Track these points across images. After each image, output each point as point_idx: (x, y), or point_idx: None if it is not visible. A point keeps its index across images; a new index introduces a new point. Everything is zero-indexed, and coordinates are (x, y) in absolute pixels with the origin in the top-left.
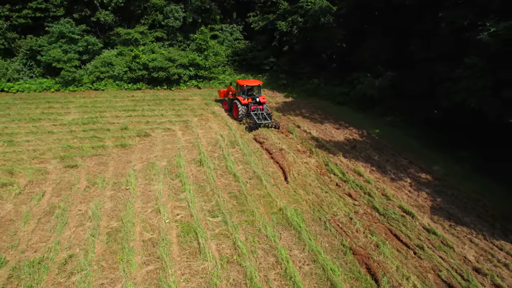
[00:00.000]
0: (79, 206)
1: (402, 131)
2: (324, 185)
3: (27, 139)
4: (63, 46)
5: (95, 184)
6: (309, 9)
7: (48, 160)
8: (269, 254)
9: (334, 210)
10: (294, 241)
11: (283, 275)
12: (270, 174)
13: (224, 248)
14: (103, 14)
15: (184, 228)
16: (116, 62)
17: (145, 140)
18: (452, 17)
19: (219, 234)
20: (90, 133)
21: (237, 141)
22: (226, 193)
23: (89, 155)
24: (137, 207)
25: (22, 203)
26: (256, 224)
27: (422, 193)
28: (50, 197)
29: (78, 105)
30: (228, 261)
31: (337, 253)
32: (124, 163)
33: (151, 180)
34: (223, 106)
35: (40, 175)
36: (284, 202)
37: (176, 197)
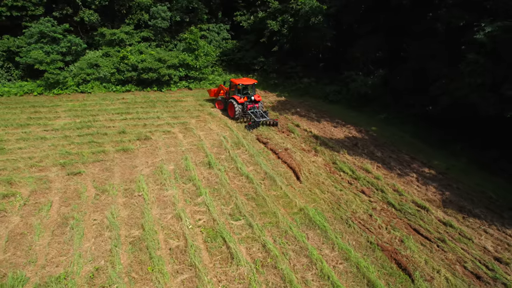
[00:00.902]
0: (93, 215)
1: (398, 127)
2: (337, 183)
3: (19, 146)
4: (44, 47)
5: (105, 191)
6: (300, 8)
7: (48, 167)
8: (300, 255)
9: (353, 208)
10: (321, 240)
11: (320, 275)
12: (281, 174)
13: (255, 251)
14: (87, 13)
15: (210, 233)
16: (102, 64)
17: (146, 144)
18: (450, 17)
19: (246, 238)
20: (87, 138)
21: (241, 142)
22: (242, 195)
23: (90, 161)
24: (155, 213)
25: (30, 215)
26: (280, 225)
27: (430, 188)
28: (59, 207)
29: (66, 109)
30: (262, 265)
31: (366, 250)
32: (129, 168)
33: (163, 185)
34: (216, 106)
35: (43, 184)
36: (302, 202)
37: (193, 201)
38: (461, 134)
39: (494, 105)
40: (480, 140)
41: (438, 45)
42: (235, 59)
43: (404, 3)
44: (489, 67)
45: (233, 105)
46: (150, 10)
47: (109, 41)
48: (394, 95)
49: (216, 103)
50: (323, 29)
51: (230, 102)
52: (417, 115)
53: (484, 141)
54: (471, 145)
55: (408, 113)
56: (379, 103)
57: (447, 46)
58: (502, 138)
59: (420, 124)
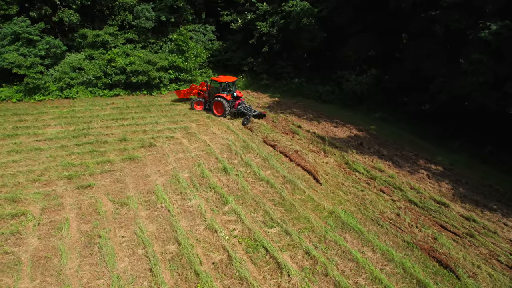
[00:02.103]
0: (119, 231)
1: (394, 125)
2: (356, 184)
3: (14, 159)
4: (20, 50)
5: (124, 205)
6: (292, 10)
7: (53, 181)
8: (345, 260)
9: (380, 208)
10: (360, 243)
11: (371, 279)
12: (300, 177)
13: (300, 259)
14: (66, 13)
15: (249, 243)
16: (87, 67)
17: (151, 151)
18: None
19: (287, 245)
20: (87, 147)
21: (249, 145)
22: (269, 201)
23: (98, 172)
24: (185, 226)
25: (49, 235)
26: (316, 230)
27: (442, 184)
28: (79, 225)
29: (54, 116)
30: (312, 273)
31: (404, 250)
32: (142, 178)
33: (184, 195)
34: (195, 107)
35: (53, 200)
36: (329, 205)
37: (221, 210)
38: (458, 130)
39: (497, 102)
40: (479, 135)
41: (436, 45)
42: (222, 60)
43: (403, 6)
44: (491, 65)
45: (221, 103)
46: (134, 9)
47: (92, 43)
48: (387, 94)
49: (195, 104)
50: (314, 31)
51: (217, 101)
52: (410, 113)
53: (483, 136)
54: (470, 140)
55: (402, 111)
56: (372, 102)
57: (444, 47)
58: (500, 133)
59: (414, 122)
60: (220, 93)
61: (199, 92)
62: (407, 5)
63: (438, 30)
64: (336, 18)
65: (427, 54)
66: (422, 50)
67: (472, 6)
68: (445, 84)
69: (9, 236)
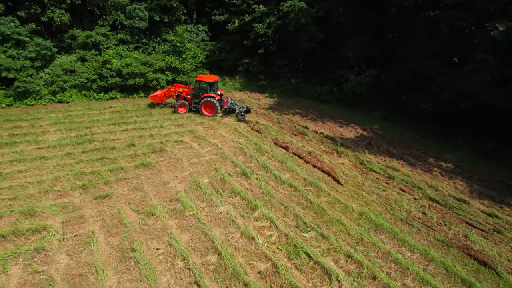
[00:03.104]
0: (151, 243)
1: (396, 124)
2: (376, 184)
3: (19, 169)
4: (8, 51)
5: (150, 214)
6: (289, 10)
7: (67, 192)
8: (388, 261)
9: (405, 207)
10: (397, 243)
11: (419, 280)
12: (320, 179)
13: (344, 263)
14: (57, 13)
15: (290, 250)
16: (81, 70)
17: (163, 156)
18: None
19: (327, 250)
20: (94, 154)
21: (262, 148)
22: (296, 205)
23: (113, 180)
24: (220, 234)
25: (77, 251)
26: (351, 232)
27: (457, 181)
28: (107, 239)
29: (51, 122)
30: (359, 276)
31: (440, 248)
32: (161, 185)
33: (209, 201)
34: (179, 110)
35: (72, 212)
36: (356, 206)
37: (251, 216)
38: (460, 127)
39: (503, 100)
40: (481, 132)
41: (438, 45)
42: (217, 61)
43: (407, 5)
44: (498, 65)
45: (211, 103)
46: (126, 9)
47: (84, 44)
48: (386, 93)
49: (178, 107)
50: (312, 31)
51: (208, 101)
52: (410, 112)
53: (486, 133)
54: (472, 138)
55: (401, 110)
56: (371, 101)
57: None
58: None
59: (415, 120)
60: (209, 93)
61: (178, 94)
62: (410, 4)
63: (443, 29)
64: (333, 18)
65: (429, 53)
66: (423, 49)
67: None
68: (447, 83)
69: (35, 254)
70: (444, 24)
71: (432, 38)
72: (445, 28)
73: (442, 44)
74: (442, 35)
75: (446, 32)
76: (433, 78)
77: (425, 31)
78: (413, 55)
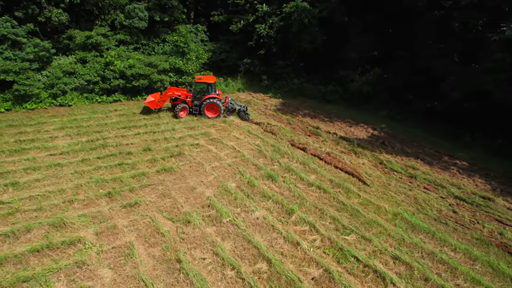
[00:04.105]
0: (195, 253)
1: (403, 123)
2: (401, 183)
3: (35, 178)
4: (4, 53)
5: (186, 222)
6: (293, 11)
7: (93, 201)
8: (434, 262)
9: (435, 206)
10: (437, 243)
11: (470, 280)
12: (346, 180)
13: (393, 266)
14: (55, 13)
15: (337, 254)
16: (83, 71)
17: (183, 161)
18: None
19: (373, 252)
20: (111, 159)
21: (280, 149)
22: (330, 207)
23: (137, 187)
24: (263, 240)
25: (120, 264)
26: (392, 234)
27: (475, 178)
28: (147, 250)
29: (57, 127)
30: (411, 278)
31: (480, 247)
32: (188, 191)
33: (243, 207)
34: (179, 115)
35: (102, 222)
36: (388, 206)
37: (289, 220)
38: (467, 125)
39: None
40: (490, 129)
41: (449, 44)
42: (217, 61)
43: (420, 5)
44: None
45: (214, 105)
46: (125, 8)
47: (83, 45)
48: (392, 93)
49: (179, 111)
50: (315, 32)
51: (211, 103)
52: (417, 111)
53: (494, 130)
54: (481, 135)
55: (407, 109)
56: (377, 100)
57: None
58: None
59: (422, 119)
60: (210, 94)
61: (176, 97)
62: (422, 4)
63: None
64: (337, 18)
65: (439, 53)
66: (433, 48)
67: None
68: (458, 82)
69: (76, 269)
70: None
71: (443, 38)
72: (458, 27)
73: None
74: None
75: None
76: (443, 77)
77: (435, 30)
78: (422, 54)
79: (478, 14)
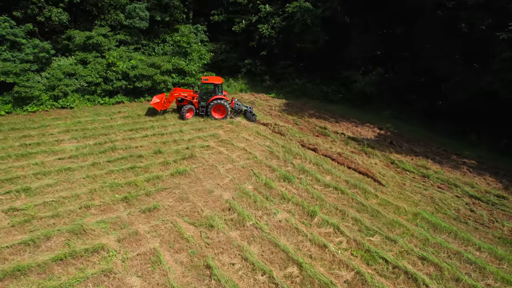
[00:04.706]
0: (222, 258)
1: (407, 123)
2: (415, 183)
3: (47, 183)
4: (3, 54)
5: (209, 227)
6: (295, 12)
7: (110, 206)
8: (462, 261)
9: (453, 206)
10: (460, 242)
11: (500, 280)
12: (361, 180)
13: (423, 266)
14: (54, 12)
15: (365, 256)
16: (84, 72)
17: (196, 163)
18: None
19: (400, 253)
20: (123, 163)
21: (291, 150)
22: (350, 208)
23: (153, 191)
24: (289, 244)
25: (147, 271)
26: (415, 234)
27: (486, 177)
28: (173, 256)
29: (62, 130)
30: (442, 279)
31: (504, 246)
32: (206, 194)
33: (264, 209)
34: (186, 116)
35: (123, 228)
36: (407, 206)
37: (312, 222)
38: (472, 125)
39: None
40: (496, 129)
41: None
42: (217, 61)
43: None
44: None
45: (221, 106)
46: (126, 8)
47: (83, 46)
48: (394, 93)
49: (186, 112)
50: (317, 32)
51: (218, 104)
52: (420, 111)
53: (499, 130)
54: (486, 134)
55: (410, 109)
56: (379, 101)
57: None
58: None
59: (426, 119)
60: (217, 95)
61: (182, 98)
62: (430, 5)
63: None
64: (339, 19)
65: (444, 53)
66: (438, 49)
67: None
68: (463, 82)
69: (103, 277)
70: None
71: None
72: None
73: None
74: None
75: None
76: (447, 77)
77: (439, 30)
78: (424, 54)
79: (484, 14)
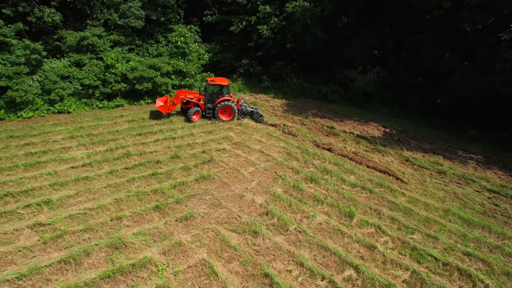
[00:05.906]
0: (276, 265)
1: (409, 120)
2: (435, 179)
3: (68, 194)
4: None
5: (253, 233)
6: (295, 12)
7: (142, 216)
8: (505, 255)
9: (477, 200)
10: (496, 236)
11: None
12: (383, 179)
13: (470, 262)
14: (47, 12)
15: (413, 254)
16: (80, 75)
17: (217, 167)
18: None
19: (444, 250)
20: (142, 170)
21: (308, 151)
22: (382, 207)
23: (183, 198)
24: (337, 246)
25: (205, 285)
26: (452, 230)
27: (496, 171)
28: (226, 266)
29: (65, 136)
30: (493, 273)
31: None
32: (238, 199)
33: (301, 212)
34: (193, 119)
35: (164, 240)
36: (435, 203)
37: (351, 223)
38: (471, 120)
39: None
40: (495, 124)
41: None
42: (213, 62)
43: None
44: None
45: (229, 107)
46: (120, 7)
47: (77, 47)
48: (393, 91)
49: (193, 115)
50: (317, 32)
51: (226, 105)
52: (419, 108)
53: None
54: (486, 129)
55: (408, 107)
56: (378, 99)
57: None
58: None
59: (425, 117)
60: (224, 97)
61: (188, 100)
62: (433, 6)
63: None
64: (338, 18)
65: (445, 52)
66: (439, 48)
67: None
68: (465, 81)
69: None
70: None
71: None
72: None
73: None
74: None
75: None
76: (447, 76)
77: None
78: (426, 54)
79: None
